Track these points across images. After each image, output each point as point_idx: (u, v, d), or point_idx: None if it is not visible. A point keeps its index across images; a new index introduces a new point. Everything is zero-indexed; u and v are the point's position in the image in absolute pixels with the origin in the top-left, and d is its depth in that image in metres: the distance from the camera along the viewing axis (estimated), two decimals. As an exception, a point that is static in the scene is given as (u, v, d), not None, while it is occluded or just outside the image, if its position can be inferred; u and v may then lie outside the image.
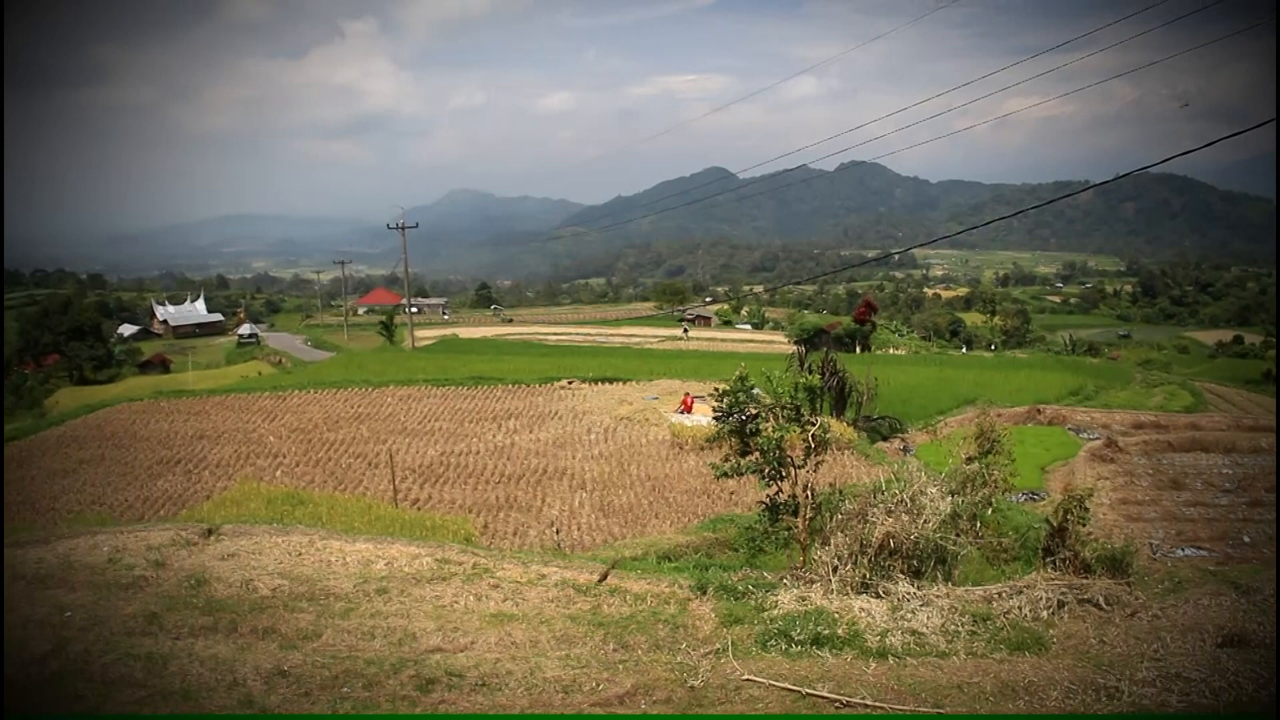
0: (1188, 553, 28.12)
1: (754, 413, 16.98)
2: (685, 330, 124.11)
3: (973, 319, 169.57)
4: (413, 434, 46.91)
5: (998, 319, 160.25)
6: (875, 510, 13.15)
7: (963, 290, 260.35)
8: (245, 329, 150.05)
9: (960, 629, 10.98)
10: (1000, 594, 11.91)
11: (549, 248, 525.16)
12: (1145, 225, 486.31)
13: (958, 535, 13.33)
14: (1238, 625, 10.51)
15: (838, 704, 9.09)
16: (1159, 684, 9.32)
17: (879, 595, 11.94)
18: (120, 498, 36.88)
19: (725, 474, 17.03)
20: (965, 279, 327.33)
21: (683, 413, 47.89)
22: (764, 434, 16.14)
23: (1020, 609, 11.47)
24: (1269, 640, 10.07)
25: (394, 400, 55.20)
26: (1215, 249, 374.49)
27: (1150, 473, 38.82)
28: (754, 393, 17.38)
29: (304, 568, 13.31)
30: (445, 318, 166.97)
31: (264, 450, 43.83)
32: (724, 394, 17.55)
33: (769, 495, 16.66)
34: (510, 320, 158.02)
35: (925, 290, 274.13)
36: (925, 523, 12.87)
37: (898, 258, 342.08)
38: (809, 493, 14.98)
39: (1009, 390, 63.45)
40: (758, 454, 16.23)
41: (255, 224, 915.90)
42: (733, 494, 33.97)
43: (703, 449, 40.29)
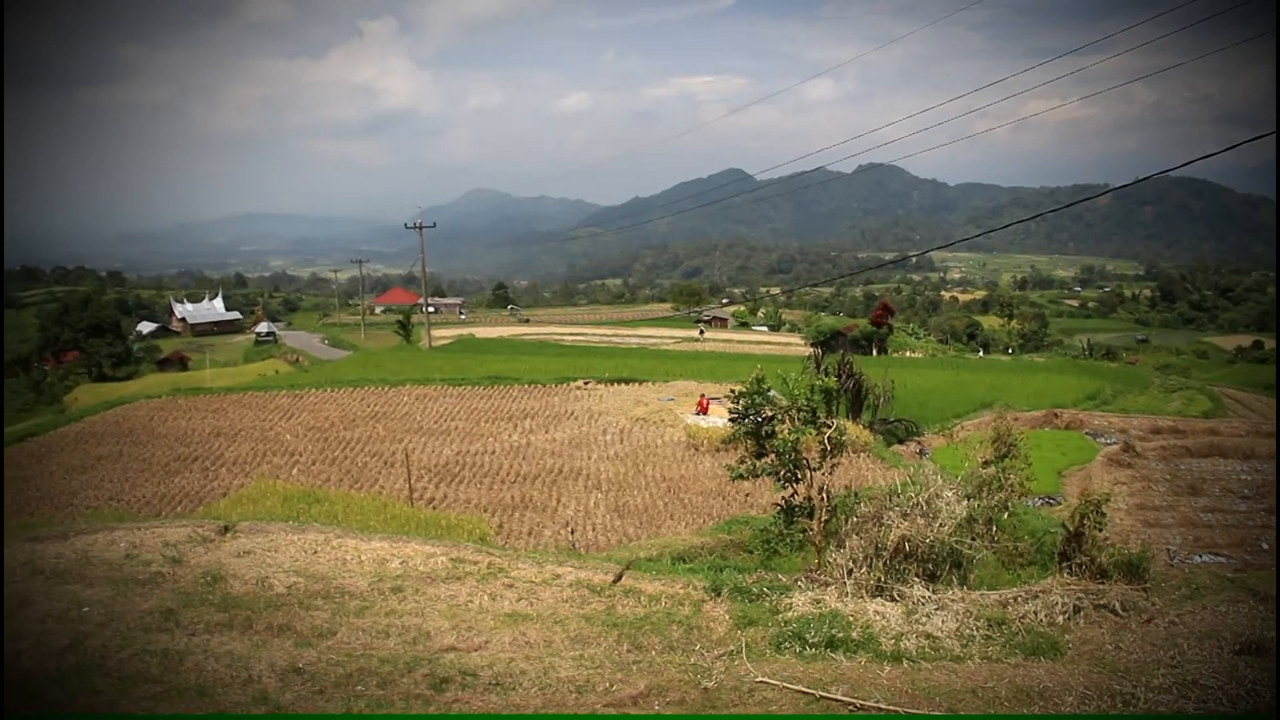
0: (1205, 559, 28.00)
1: (770, 415, 16.95)
2: (701, 331, 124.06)
3: (990, 322, 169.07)
4: (429, 433, 47.01)
5: (1015, 322, 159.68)
6: (891, 513, 13.12)
7: (980, 293, 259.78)
8: (263, 327, 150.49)
9: (975, 633, 10.94)
10: (1016, 598, 11.86)
11: (566, 248, 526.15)
12: (1164, 229, 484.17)
13: (973, 539, 13.28)
14: (1256, 632, 10.44)
15: (852, 707, 9.07)
16: (1175, 691, 9.27)
17: (894, 598, 11.90)
18: (138, 494, 37.08)
19: (741, 476, 16.99)
20: (983, 282, 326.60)
21: (699, 414, 47.87)
22: (780, 436, 16.11)
23: (1036, 614, 11.42)
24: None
25: (410, 399, 55.32)
26: (1235, 253, 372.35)
27: (1168, 478, 38.67)
28: (770, 395, 17.35)
29: (319, 566, 13.34)
30: (462, 317, 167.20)
31: (281, 448, 43.99)
32: (740, 396, 17.52)
33: (784, 497, 16.62)
34: (527, 320, 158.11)
35: (942, 293, 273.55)
36: (941, 526, 12.83)
37: (915, 260, 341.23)
38: (824, 495, 14.95)
39: (1026, 394, 63.26)
40: (773, 456, 16.20)
41: (273, 223, 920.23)
42: (748, 496, 33.87)
43: (718, 450, 40.29)
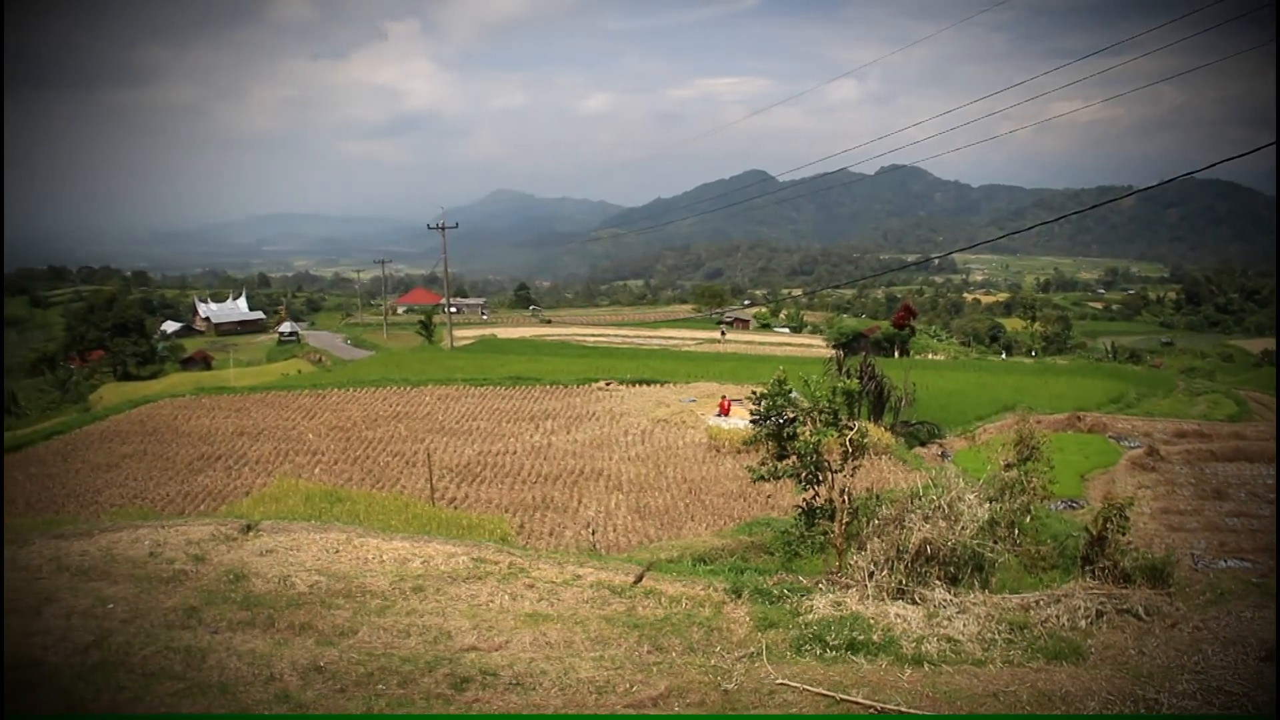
0: (1230, 564, 27.75)
1: (791, 416, 16.93)
2: (723, 333, 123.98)
3: (1013, 324, 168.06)
4: (450, 433, 47.11)
5: (1038, 325, 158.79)
6: (912, 516, 13.07)
7: (1003, 295, 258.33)
8: (286, 327, 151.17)
9: (997, 637, 10.90)
10: (1038, 602, 11.81)
11: (588, 249, 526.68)
12: (1190, 231, 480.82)
13: (995, 542, 13.23)
14: (1281, 638, 10.36)
15: (872, 710, 9.05)
16: (1200, 697, 9.20)
17: (915, 602, 11.87)
18: (161, 492, 37.28)
19: (762, 477, 16.99)
20: (1005, 284, 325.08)
21: (720, 415, 47.77)
22: (801, 438, 16.10)
23: (1058, 618, 11.36)
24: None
25: (432, 399, 55.47)
26: (1261, 255, 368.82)
27: (1192, 482, 38.38)
28: (792, 396, 17.33)
29: (341, 565, 13.40)
30: (484, 318, 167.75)
31: (303, 448, 44.17)
32: (762, 397, 17.51)
33: (806, 499, 16.61)
34: (549, 321, 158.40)
35: (965, 295, 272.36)
36: (963, 529, 12.78)
37: (937, 262, 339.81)
38: (846, 497, 14.92)
39: (1049, 397, 62.88)
40: (795, 458, 16.19)
41: (297, 223, 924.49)
42: (769, 498, 33.86)
43: (740, 452, 40.21)
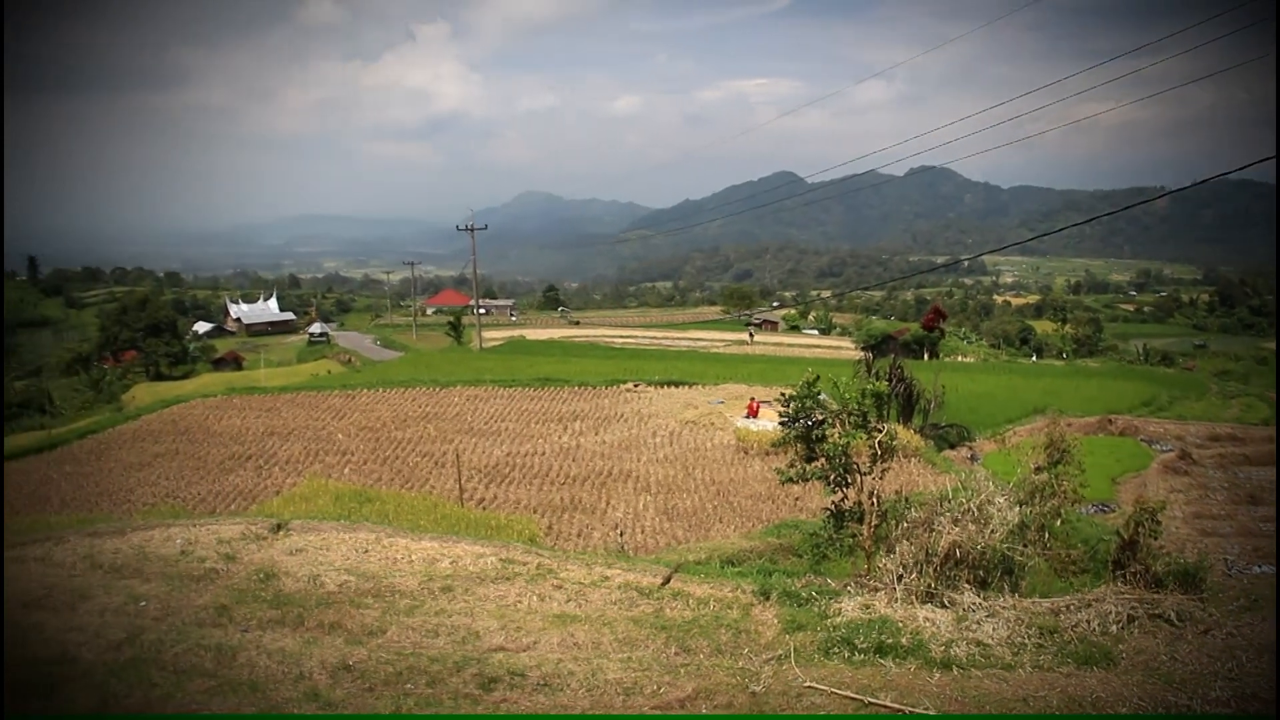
0: (1264, 569, 27.48)
1: (820, 418, 16.90)
2: (751, 335, 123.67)
3: (1043, 327, 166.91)
4: (479, 434, 47.24)
5: (1069, 327, 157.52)
6: (941, 519, 13.02)
7: (1033, 298, 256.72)
8: (316, 328, 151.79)
9: (1027, 641, 10.83)
10: (1068, 607, 11.73)
11: (616, 250, 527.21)
12: (1223, 232, 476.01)
13: (1025, 546, 13.16)
14: (1316, 644, 10.26)
15: (900, 714, 9.01)
16: (1234, 704, 9.13)
17: (944, 605, 11.81)
18: (193, 491, 37.56)
19: (790, 479, 16.96)
20: (1036, 286, 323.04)
21: (749, 417, 47.71)
22: (830, 440, 16.06)
23: (1089, 622, 11.28)
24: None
25: (461, 400, 55.62)
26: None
27: (1226, 486, 38.05)
28: (821, 398, 17.29)
29: (370, 564, 13.47)
30: (513, 319, 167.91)
31: (333, 448, 44.39)
32: (790, 399, 17.48)
33: (834, 502, 16.57)
34: (577, 322, 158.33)
35: (995, 297, 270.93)
36: (992, 533, 12.72)
37: (967, 264, 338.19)
38: (874, 500, 14.88)
39: (1080, 400, 62.44)
40: (823, 460, 16.16)
41: (327, 224, 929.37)
42: (798, 500, 33.79)
43: (768, 454, 40.11)
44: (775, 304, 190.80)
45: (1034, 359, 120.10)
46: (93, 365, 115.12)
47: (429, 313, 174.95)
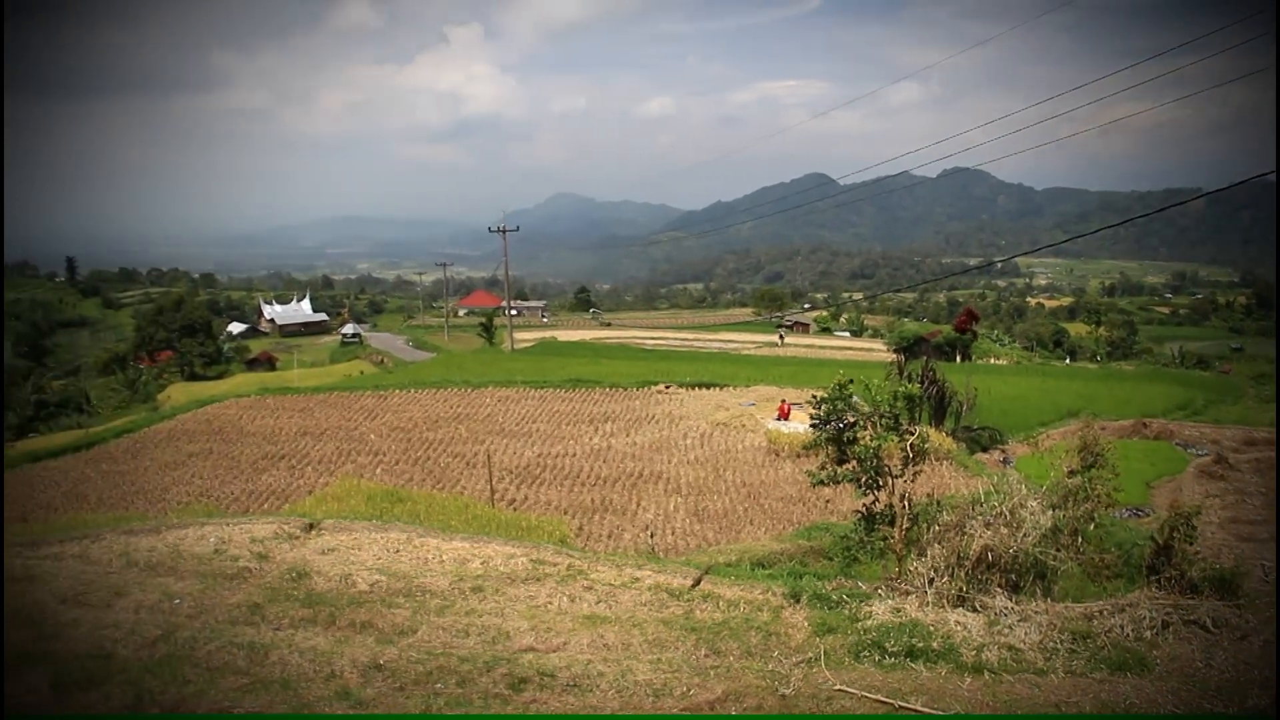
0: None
1: (852, 421, 16.84)
2: (781, 337, 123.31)
3: (1077, 329, 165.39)
4: (510, 435, 47.36)
5: (1103, 330, 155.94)
6: (973, 522, 12.94)
7: (1067, 300, 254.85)
8: (349, 328, 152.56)
9: (1059, 646, 10.75)
10: (1101, 612, 11.63)
11: (648, 252, 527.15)
12: (1261, 234, 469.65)
13: (1058, 550, 13.05)
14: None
15: (931, 717, 8.97)
16: (1273, 712, 9.04)
17: (975, 609, 11.74)
18: (227, 490, 37.84)
19: (821, 482, 16.89)
20: (1070, 288, 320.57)
21: (780, 419, 47.60)
22: (861, 442, 16.00)
23: (1122, 628, 11.19)
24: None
25: (492, 401, 55.79)
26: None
27: (1263, 491, 37.55)
28: (852, 400, 17.23)
29: (401, 564, 13.53)
30: (544, 320, 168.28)
31: (365, 448, 44.61)
32: (822, 401, 17.42)
33: (865, 504, 16.49)
34: (608, 324, 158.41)
35: (1028, 299, 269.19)
36: (1025, 536, 12.63)
37: (1000, 266, 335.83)
38: (906, 503, 14.81)
39: (1114, 403, 61.88)
40: (855, 462, 16.09)
41: (360, 226, 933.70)
42: (829, 502, 33.68)
43: (799, 456, 40.02)
44: (807, 306, 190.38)
45: (1067, 362, 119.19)
46: (129, 365, 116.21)
47: (461, 314, 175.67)
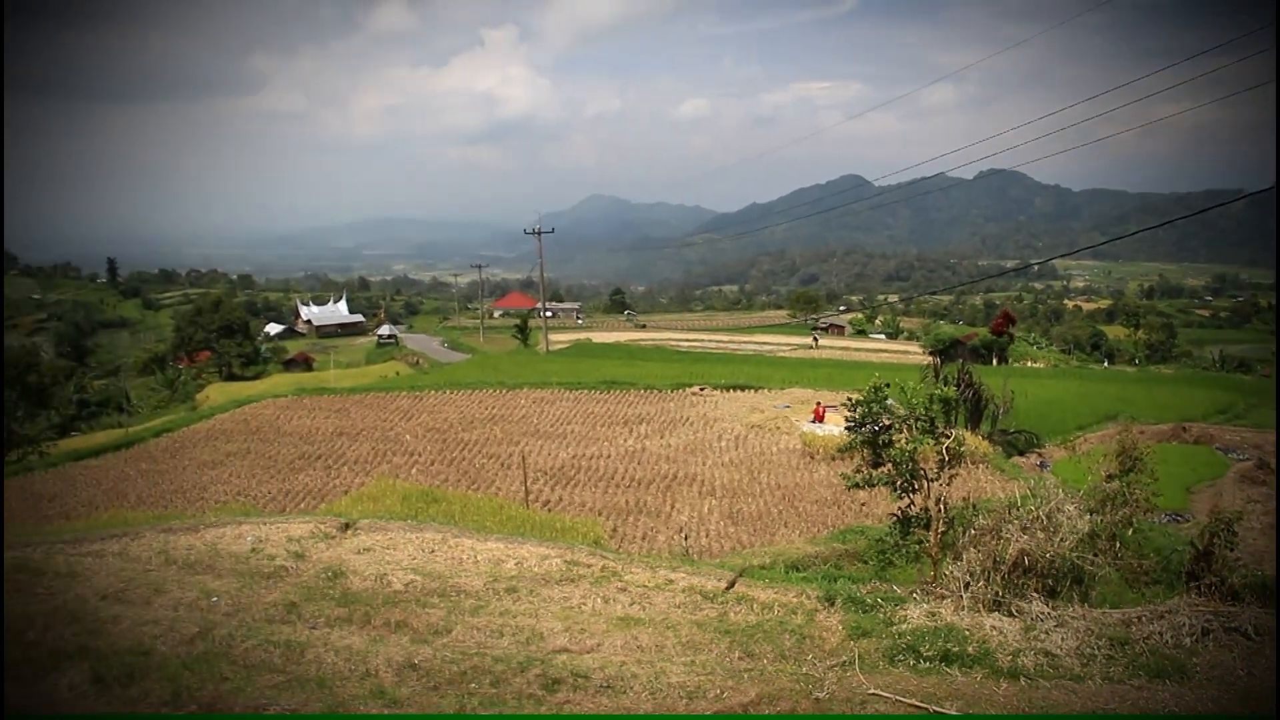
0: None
1: (887, 424, 16.78)
2: (815, 339, 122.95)
3: (1115, 332, 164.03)
4: (545, 436, 47.43)
5: (1141, 332, 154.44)
6: (1010, 526, 12.85)
7: (1105, 302, 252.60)
8: (385, 330, 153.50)
9: (1096, 652, 10.65)
10: (1140, 618, 11.51)
11: (683, 254, 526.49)
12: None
13: (1095, 555, 12.94)
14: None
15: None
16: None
17: (1011, 614, 11.65)
18: (264, 490, 38.12)
19: (856, 485, 16.86)
20: (1108, 291, 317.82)
21: (815, 422, 47.44)
22: (897, 445, 15.94)
23: (1161, 634, 11.06)
24: None
25: (527, 402, 55.90)
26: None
27: (1305, 496, 37.10)
28: (888, 403, 17.17)
29: (436, 564, 13.60)
30: (579, 322, 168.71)
31: (400, 448, 44.82)
32: (857, 404, 17.38)
33: (900, 508, 16.44)
34: (643, 326, 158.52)
35: (1065, 302, 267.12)
36: (1062, 541, 12.53)
37: (1037, 268, 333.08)
38: (941, 506, 14.74)
39: (1153, 407, 61.30)
40: (890, 465, 16.04)
41: (396, 227, 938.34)
42: (864, 505, 33.55)
43: (834, 459, 39.85)
44: (842, 308, 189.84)
45: (1105, 365, 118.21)
46: (168, 365, 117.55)
47: (496, 315, 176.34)
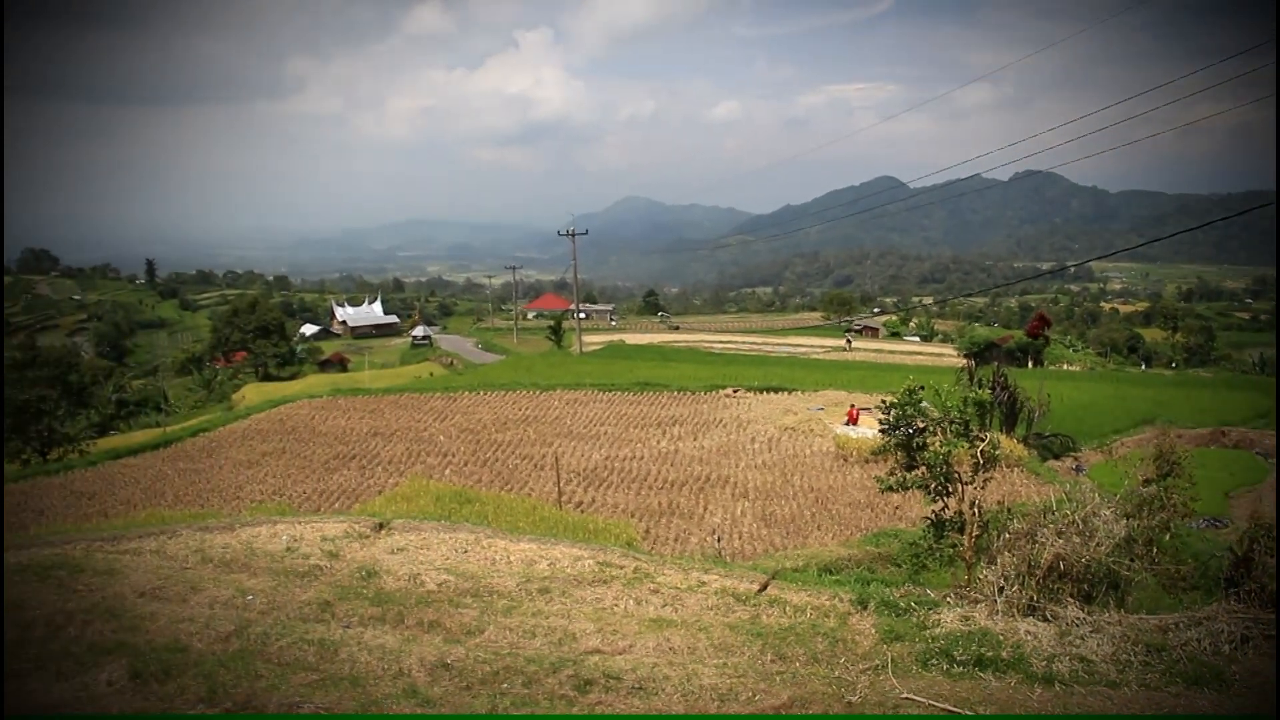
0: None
1: (921, 426, 16.70)
2: (849, 341, 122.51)
3: (1152, 335, 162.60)
4: (578, 437, 47.52)
5: (1180, 335, 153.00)
6: (1045, 530, 12.75)
7: (1142, 305, 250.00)
8: (419, 331, 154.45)
9: (1133, 659, 10.55)
10: (1177, 624, 11.39)
11: (716, 256, 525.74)
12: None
13: (1132, 560, 12.81)
14: None
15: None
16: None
17: (1046, 619, 11.57)
18: (299, 489, 38.42)
19: (890, 488, 16.77)
20: (1145, 293, 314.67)
21: (848, 424, 47.28)
22: (931, 448, 15.86)
23: (1199, 641, 10.93)
24: None
25: (560, 404, 56.01)
26: None
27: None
28: (922, 406, 17.09)
29: (469, 564, 13.65)
30: (613, 323, 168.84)
31: (434, 449, 45.03)
32: (891, 406, 17.30)
33: (934, 511, 16.35)
34: (676, 327, 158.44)
35: (1102, 304, 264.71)
36: (1098, 546, 12.41)
37: (1073, 270, 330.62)
38: (976, 510, 14.64)
39: (1191, 410, 60.60)
40: (924, 469, 15.95)
41: (430, 229, 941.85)
42: (897, 508, 33.42)
43: (868, 462, 39.74)
44: (876, 310, 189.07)
45: (1143, 368, 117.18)
46: (205, 365, 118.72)
47: (529, 317, 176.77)
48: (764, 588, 12.98)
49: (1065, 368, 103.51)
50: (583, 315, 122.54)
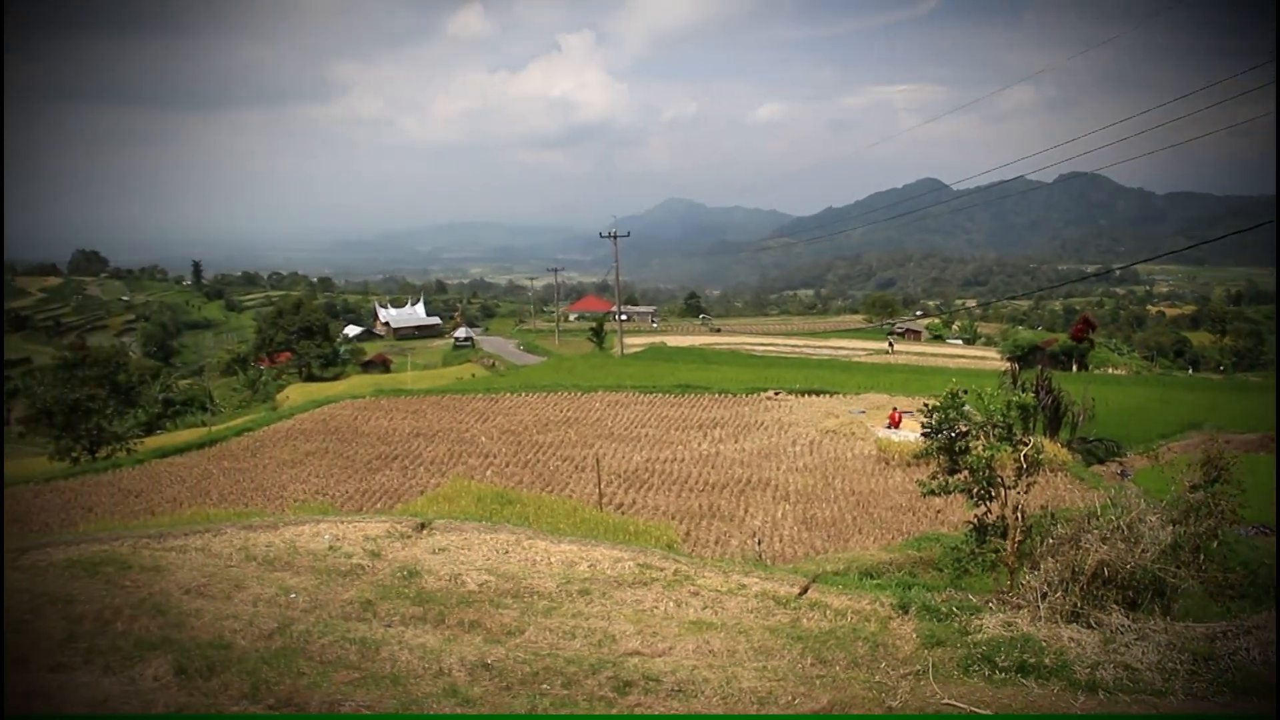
0: None
1: (964, 430, 16.59)
2: (891, 344, 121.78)
3: (1200, 339, 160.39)
4: (619, 439, 47.58)
5: (1228, 339, 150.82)
6: (1089, 536, 12.62)
7: (1189, 308, 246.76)
8: (461, 332, 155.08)
9: (1179, 667, 10.41)
10: (1225, 633, 11.24)
11: (758, 258, 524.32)
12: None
13: (1179, 567, 12.66)
14: None
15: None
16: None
17: (1090, 626, 11.45)
18: (341, 489, 38.71)
19: (932, 492, 16.69)
20: (1192, 296, 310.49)
21: (890, 428, 47.04)
22: (974, 452, 15.75)
23: (1248, 650, 10.77)
24: None
25: (602, 406, 56.10)
26: None
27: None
28: (965, 410, 16.98)
29: (510, 565, 13.69)
30: (654, 326, 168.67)
31: (476, 450, 45.24)
32: (934, 410, 17.21)
33: (977, 516, 16.24)
34: (718, 330, 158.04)
35: (1148, 307, 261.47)
36: (1143, 552, 12.28)
37: (1119, 273, 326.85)
38: (1019, 515, 14.53)
39: (1240, 415, 59.69)
40: (966, 473, 15.86)
41: (474, 231, 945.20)
42: (939, 513, 33.20)
43: (910, 465, 39.55)
44: (919, 313, 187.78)
45: (1190, 372, 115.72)
46: (250, 366, 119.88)
47: (571, 318, 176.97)
48: (804, 591, 12.93)
49: (1110, 371, 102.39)
50: (624, 317, 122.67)
